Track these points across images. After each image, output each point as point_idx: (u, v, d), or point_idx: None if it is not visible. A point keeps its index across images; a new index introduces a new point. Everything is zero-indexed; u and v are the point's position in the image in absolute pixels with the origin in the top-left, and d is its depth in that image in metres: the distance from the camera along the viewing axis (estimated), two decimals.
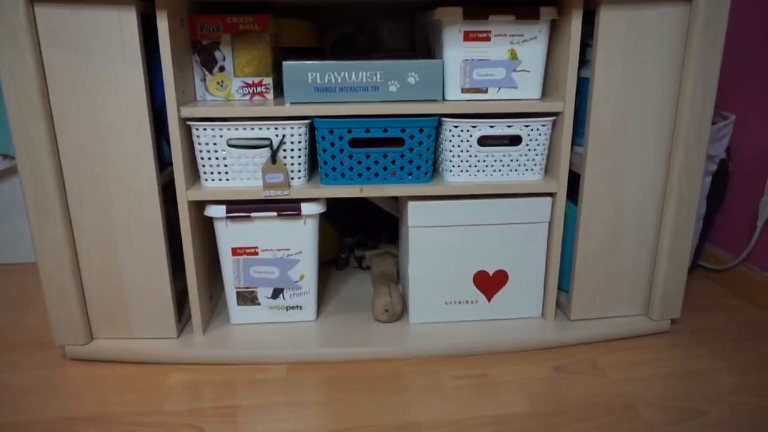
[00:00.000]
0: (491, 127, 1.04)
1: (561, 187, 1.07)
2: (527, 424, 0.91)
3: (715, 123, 1.30)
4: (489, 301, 1.16)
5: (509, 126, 1.04)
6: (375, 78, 1.02)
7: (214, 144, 1.02)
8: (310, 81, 1.01)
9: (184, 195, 1.02)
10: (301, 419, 0.92)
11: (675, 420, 0.92)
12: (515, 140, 1.08)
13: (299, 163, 1.05)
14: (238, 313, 1.15)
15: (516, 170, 1.08)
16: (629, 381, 1.02)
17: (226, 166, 1.04)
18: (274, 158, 1.02)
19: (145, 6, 0.94)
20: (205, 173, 1.04)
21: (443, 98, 1.07)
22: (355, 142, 1.06)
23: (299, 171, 1.06)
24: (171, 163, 1.09)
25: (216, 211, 1.06)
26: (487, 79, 1.05)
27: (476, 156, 1.06)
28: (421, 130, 1.04)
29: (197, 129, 1.00)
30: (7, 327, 1.23)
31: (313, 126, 1.05)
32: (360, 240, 1.43)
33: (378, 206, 1.39)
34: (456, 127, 1.03)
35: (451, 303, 1.15)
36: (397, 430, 0.90)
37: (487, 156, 1.06)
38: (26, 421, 0.92)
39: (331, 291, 1.31)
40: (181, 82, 1.00)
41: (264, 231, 1.09)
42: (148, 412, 0.94)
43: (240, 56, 1.06)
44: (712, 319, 1.24)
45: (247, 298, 1.14)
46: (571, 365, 1.07)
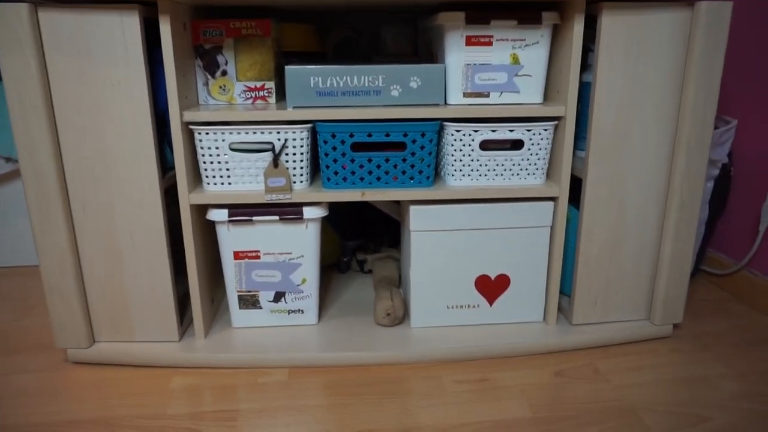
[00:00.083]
0: (493, 131, 1.04)
1: (563, 191, 1.07)
2: (528, 429, 0.91)
3: (717, 127, 1.30)
4: (491, 305, 1.16)
5: (511, 130, 1.05)
6: (377, 82, 1.02)
7: (217, 148, 1.02)
8: (312, 85, 1.01)
9: (187, 199, 1.03)
10: (302, 423, 0.92)
11: (677, 426, 0.91)
12: (517, 144, 1.08)
13: (301, 167, 1.05)
14: (239, 317, 1.15)
15: (518, 174, 1.08)
16: (631, 386, 1.02)
17: (228, 170, 1.04)
18: (276, 162, 1.03)
19: (148, 10, 0.95)
20: (207, 177, 1.04)
21: (445, 102, 1.07)
22: (357, 146, 1.06)
23: (301, 175, 1.06)
24: (173, 167, 1.09)
25: (218, 215, 1.06)
26: (489, 84, 1.05)
27: (478, 160, 1.06)
28: (423, 135, 1.04)
29: (200, 133, 1.01)
30: (8, 330, 1.23)
31: (315, 130, 1.05)
32: (362, 244, 1.43)
33: (380, 210, 1.39)
34: (458, 131, 1.04)
35: (452, 307, 1.15)
36: None
37: (489, 160, 1.06)
38: (28, 423, 0.93)
39: (333, 295, 1.31)
40: (183, 86, 1.00)
41: (266, 235, 1.09)
42: (149, 416, 0.94)
43: (242, 60, 1.07)
44: (715, 324, 1.24)
45: (249, 301, 1.14)
46: (572, 370, 1.07)
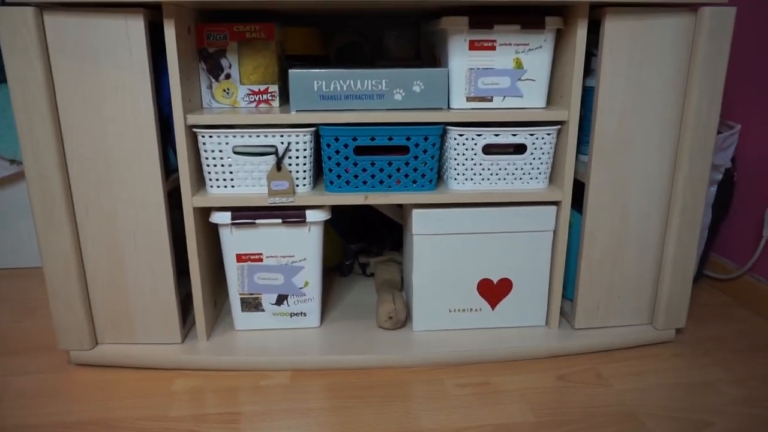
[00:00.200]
0: (496, 135, 1.04)
1: (566, 195, 1.07)
2: None
3: (720, 132, 1.30)
4: (493, 309, 1.16)
5: (514, 135, 1.05)
6: (380, 86, 1.02)
7: (220, 151, 1.02)
8: (315, 89, 1.02)
9: (190, 201, 1.03)
10: (304, 426, 0.92)
11: (679, 430, 0.91)
12: (520, 149, 1.08)
13: (304, 171, 1.05)
14: (242, 320, 1.15)
15: (520, 179, 1.08)
16: (633, 391, 1.01)
17: (231, 173, 1.04)
18: (279, 165, 1.03)
19: (153, 14, 0.95)
20: (210, 180, 1.05)
21: (448, 107, 1.07)
22: (360, 150, 1.06)
23: (304, 178, 1.06)
24: (176, 170, 1.10)
25: (221, 218, 1.06)
26: (492, 88, 1.05)
27: (481, 164, 1.06)
28: (426, 138, 1.04)
29: (203, 136, 1.01)
30: (11, 331, 1.24)
31: (318, 133, 1.05)
32: (364, 247, 1.43)
33: (382, 213, 1.39)
34: (461, 135, 1.04)
35: (454, 311, 1.15)
36: None
37: (491, 164, 1.07)
38: (29, 425, 0.93)
39: (335, 298, 1.31)
40: (187, 89, 1.00)
41: (269, 238, 1.09)
42: (151, 418, 0.94)
43: (246, 64, 1.07)
44: (717, 329, 1.24)
45: (252, 304, 1.14)
46: (574, 374, 1.06)
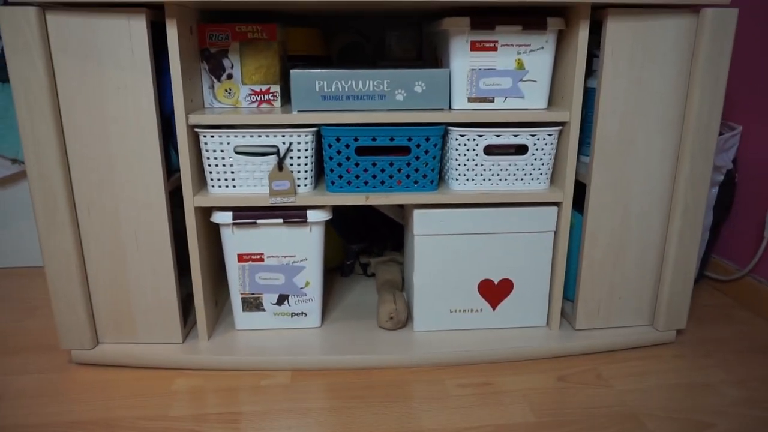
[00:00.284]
0: (497, 136, 1.04)
1: (567, 196, 1.08)
2: None
3: (722, 134, 1.30)
4: (494, 309, 1.16)
5: (515, 135, 1.05)
6: (382, 87, 1.02)
7: (222, 151, 1.02)
8: (317, 89, 1.02)
9: (191, 201, 1.03)
10: (305, 426, 0.92)
11: (680, 431, 0.91)
12: (521, 149, 1.08)
13: (306, 171, 1.05)
14: (243, 319, 1.15)
15: (522, 179, 1.08)
16: (634, 392, 1.01)
17: (233, 173, 1.04)
18: (280, 165, 1.03)
19: (155, 14, 0.95)
20: (212, 180, 1.05)
21: (450, 107, 1.07)
22: (362, 150, 1.07)
23: (306, 178, 1.06)
24: (178, 170, 1.10)
25: (222, 218, 1.06)
26: (494, 89, 1.06)
27: (482, 165, 1.06)
28: (428, 139, 1.04)
29: (205, 136, 1.01)
30: (12, 330, 1.24)
31: (319, 134, 1.05)
32: (365, 247, 1.43)
33: (383, 214, 1.39)
34: (462, 136, 1.04)
35: (455, 311, 1.15)
36: None
37: (493, 165, 1.07)
38: (29, 424, 0.93)
39: (336, 298, 1.31)
40: (189, 89, 1.01)
41: (270, 238, 1.09)
42: (152, 417, 0.94)
43: (248, 64, 1.07)
44: (718, 331, 1.24)
45: (252, 304, 1.14)
46: (575, 375, 1.06)
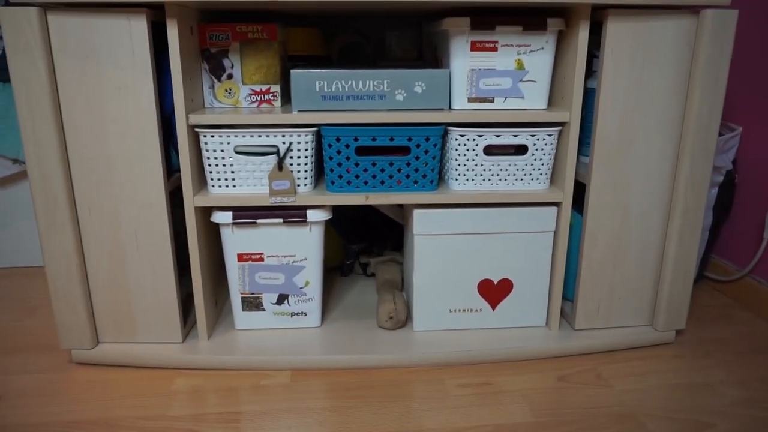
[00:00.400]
0: (497, 136, 1.04)
1: (566, 196, 1.08)
2: None
3: (721, 134, 1.30)
4: (493, 309, 1.16)
5: (515, 135, 1.05)
6: (382, 87, 1.03)
7: (222, 151, 1.03)
8: (317, 89, 1.02)
9: (191, 201, 1.03)
10: (305, 426, 0.93)
11: None
12: (521, 150, 1.08)
13: (306, 171, 1.06)
14: (242, 319, 1.15)
15: (522, 179, 1.08)
16: (633, 392, 1.02)
17: (233, 172, 1.04)
18: (280, 165, 1.03)
19: (156, 14, 0.95)
20: (212, 180, 1.05)
21: (450, 107, 1.07)
22: (362, 150, 1.07)
23: (306, 178, 1.06)
24: (178, 170, 1.10)
25: (222, 217, 1.06)
26: (494, 89, 1.06)
27: (482, 165, 1.06)
28: (428, 139, 1.04)
29: (205, 136, 1.01)
30: (12, 330, 1.24)
31: (319, 134, 1.05)
32: (365, 247, 1.44)
33: (383, 214, 1.39)
34: (462, 136, 1.04)
35: (455, 311, 1.15)
36: None
37: (492, 165, 1.07)
38: (29, 423, 0.93)
39: (336, 298, 1.31)
40: (189, 89, 1.01)
41: (270, 237, 1.09)
42: (151, 417, 0.95)
43: (248, 64, 1.07)
44: (718, 331, 1.24)
45: (252, 303, 1.14)
46: (575, 375, 1.07)
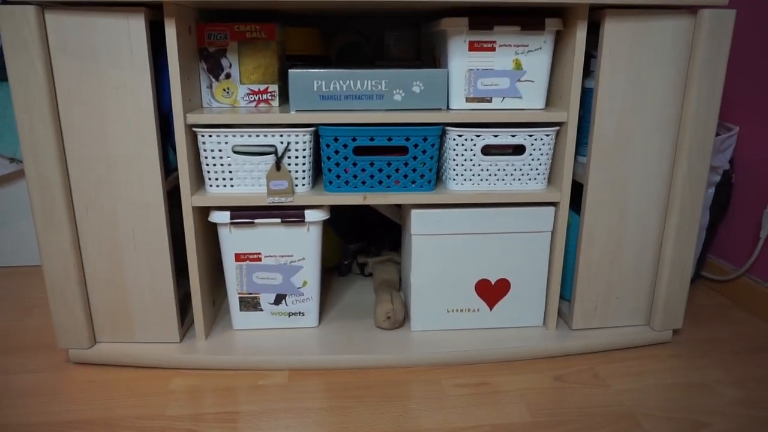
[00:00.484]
0: (495, 136, 1.05)
1: (564, 196, 1.08)
2: None
3: (719, 134, 1.31)
4: (491, 309, 1.16)
5: (513, 135, 1.05)
6: (380, 87, 1.03)
7: (220, 150, 1.02)
8: (315, 89, 1.02)
9: (189, 201, 1.03)
10: (302, 426, 0.93)
11: (676, 431, 0.92)
12: (519, 150, 1.08)
13: (303, 171, 1.06)
14: (240, 319, 1.15)
15: (519, 179, 1.09)
16: (630, 391, 1.02)
17: (231, 172, 1.04)
18: (278, 165, 1.03)
19: (154, 13, 0.95)
20: (210, 179, 1.05)
21: (447, 107, 1.07)
22: (360, 150, 1.07)
23: (303, 178, 1.06)
24: (176, 169, 1.10)
25: (220, 217, 1.06)
26: (492, 89, 1.06)
27: (480, 165, 1.07)
28: (425, 139, 1.04)
29: (203, 135, 1.01)
30: (9, 329, 1.24)
31: (317, 133, 1.05)
32: (363, 247, 1.44)
33: (381, 214, 1.39)
34: (460, 136, 1.04)
35: (452, 311, 1.15)
36: None
37: (490, 165, 1.07)
38: (27, 423, 0.93)
39: (334, 297, 1.31)
40: (187, 89, 1.01)
41: (267, 237, 1.09)
42: (149, 417, 0.94)
43: (246, 64, 1.07)
44: (714, 331, 1.24)
45: (250, 303, 1.14)
46: (572, 375, 1.07)
